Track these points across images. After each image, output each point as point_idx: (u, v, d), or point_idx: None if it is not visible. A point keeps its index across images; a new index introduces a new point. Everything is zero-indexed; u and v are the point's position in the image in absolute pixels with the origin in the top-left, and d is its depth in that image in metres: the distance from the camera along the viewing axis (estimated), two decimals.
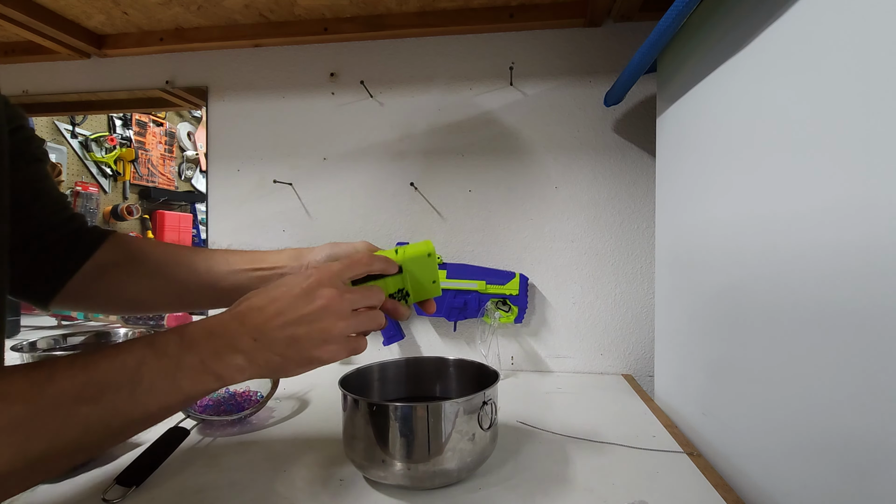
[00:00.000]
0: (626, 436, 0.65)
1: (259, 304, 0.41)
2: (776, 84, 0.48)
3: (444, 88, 1.03)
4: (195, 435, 0.66)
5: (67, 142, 1.81)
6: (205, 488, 0.52)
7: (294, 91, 1.09)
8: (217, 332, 0.39)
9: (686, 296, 0.71)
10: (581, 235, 1.00)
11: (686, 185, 0.71)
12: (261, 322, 0.40)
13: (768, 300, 0.49)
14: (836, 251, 0.39)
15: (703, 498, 0.50)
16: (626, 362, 0.99)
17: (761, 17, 0.50)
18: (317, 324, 0.41)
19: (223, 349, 0.39)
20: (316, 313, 0.41)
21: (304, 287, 0.42)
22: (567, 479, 0.54)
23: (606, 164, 0.99)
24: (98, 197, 1.90)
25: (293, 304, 0.41)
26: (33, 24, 0.98)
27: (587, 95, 0.99)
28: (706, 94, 0.64)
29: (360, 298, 0.44)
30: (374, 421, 0.50)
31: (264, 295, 0.42)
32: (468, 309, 0.97)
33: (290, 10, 1.00)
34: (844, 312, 0.38)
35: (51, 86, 1.18)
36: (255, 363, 0.40)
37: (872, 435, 0.35)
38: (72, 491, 0.52)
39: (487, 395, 0.53)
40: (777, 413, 0.47)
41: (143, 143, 1.92)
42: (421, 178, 1.04)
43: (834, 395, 0.39)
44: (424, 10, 0.99)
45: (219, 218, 1.12)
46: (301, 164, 1.08)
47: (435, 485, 0.51)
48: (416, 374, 0.67)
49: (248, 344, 0.39)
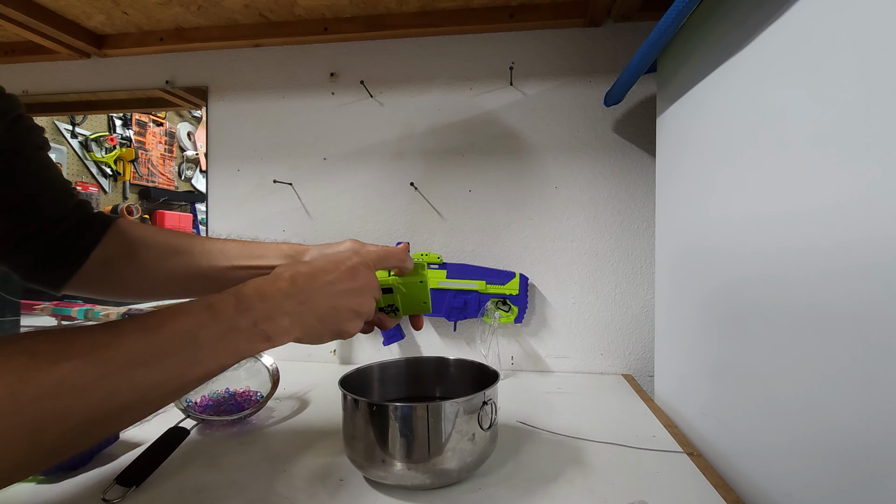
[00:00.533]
0: (626, 436, 0.65)
1: (308, 272, 0.44)
2: (776, 84, 0.48)
3: (444, 88, 1.03)
4: (195, 435, 0.66)
5: (67, 142, 1.81)
6: (205, 488, 0.52)
7: (294, 91, 1.09)
8: (269, 295, 0.41)
9: (686, 295, 0.71)
10: (581, 235, 1.00)
11: (686, 185, 0.71)
12: (310, 288, 0.43)
13: (768, 300, 0.49)
14: (836, 251, 0.39)
15: (703, 498, 0.50)
16: (626, 362, 0.99)
17: (761, 16, 0.50)
18: (355, 299, 0.45)
19: (274, 311, 0.41)
20: (358, 290, 0.45)
21: (349, 265, 0.46)
22: (567, 479, 0.54)
23: (606, 164, 0.99)
24: (98, 197, 1.90)
25: (340, 278, 0.45)
26: (33, 24, 0.98)
27: (587, 95, 0.99)
28: (706, 94, 0.64)
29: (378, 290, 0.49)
30: (374, 421, 0.50)
31: (313, 265, 0.45)
32: (468, 309, 0.97)
33: (290, 10, 1.00)
34: (844, 312, 0.38)
35: (51, 86, 1.18)
36: (299, 326, 0.42)
37: (873, 435, 0.35)
38: (72, 490, 0.52)
39: (487, 395, 0.52)
40: (777, 413, 0.47)
41: (143, 143, 1.92)
42: (421, 178, 1.04)
43: (834, 395, 0.39)
44: (424, 10, 0.99)
45: (219, 218, 1.12)
46: (301, 164, 1.08)
47: (435, 485, 0.51)
48: (416, 374, 0.67)
49: (295, 308, 0.42)
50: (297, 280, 0.43)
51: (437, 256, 0.98)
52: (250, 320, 0.39)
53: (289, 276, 0.43)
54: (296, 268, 0.44)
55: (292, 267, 0.45)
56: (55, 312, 1.19)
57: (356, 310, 0.45)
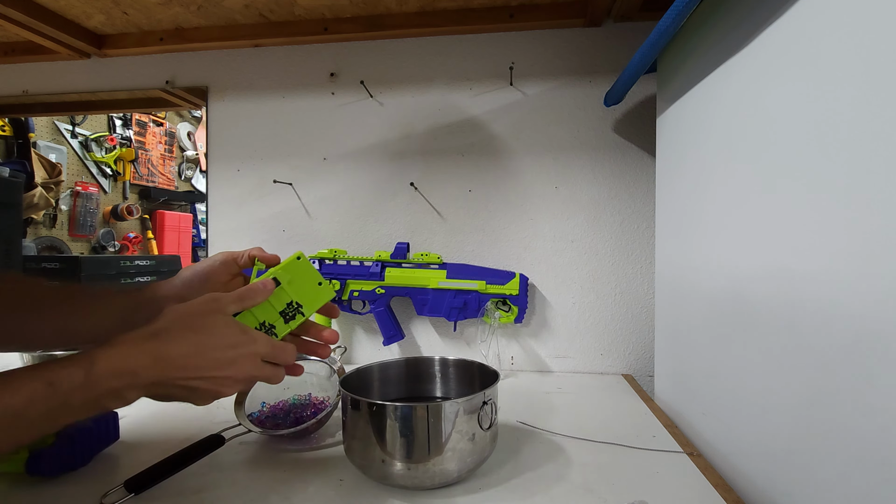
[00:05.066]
0: (626, 436, 0.65)
1: (170, 354, 0.41)
2: (776, 84, 0.48)
3: (444, 88, 1.03)
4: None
5: (67, 142, 1.81)
6: (204, 488, 0.52)
7: (294, 91, 1.09)
8: (126, 372, 0.39)
9: (686, 296, 0.71)
10: (581, 235, 1.00)
11: (686, 184, 0.71)
12: (166, 374, 0.41)
13: (768, 300, 0.49)
14: (836, 251, 0.39)
15: (703, 498, 0.50)
16: (626, 362, 0.99)
17: (761, 17, 0.50)
18: (226, 371, 0.43)
19: (125, 388, 0.40)
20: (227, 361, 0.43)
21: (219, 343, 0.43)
22: (567, 479, 0.54)
23: (606, 164, 0.99)
24: (98, 197, 1.90)
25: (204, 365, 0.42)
26: (33, 24, 0.98)
27: (587, 95, 0.99)
28: (706, 94, 0.64)
29: (273, 354, 0.47)
30: (374, 421, 0.50)
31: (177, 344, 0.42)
32: (468, 309, 0.97)
33: (290, 10, 1.00)
34: (844, 312, 0.38)
35: (51, 86, 1.18)
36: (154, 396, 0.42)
37: (873, 435, 0.35)
38: (72, 490, 0.52)
39: (487, 395, 0.53)
40: (777, 413, 0.47)
41: (143, 143, 1.92)
42: (421, 178, 1.04)
43: (834, 395, 0.39)
44: (424, 10, 0.99)
45: (219, 218, 1.12)
46: (301, 164, 1.08)
47: (435, 485, 0.51)
48: (416, 374, 0.67)
49: (148, 388, 0.41)
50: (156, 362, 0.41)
51: (437, 256, 0.98)
52: (93, 395, 0.38)
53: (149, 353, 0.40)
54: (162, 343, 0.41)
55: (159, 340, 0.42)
56: None
57: (218, 386, 0.43)
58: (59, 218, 1.80)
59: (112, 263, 1.40)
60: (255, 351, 0.45)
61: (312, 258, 1.00)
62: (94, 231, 1.88)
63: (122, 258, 1.54)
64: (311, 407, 0.68)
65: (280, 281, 0.51)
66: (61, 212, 1.80)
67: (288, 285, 0.51)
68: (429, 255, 0.98)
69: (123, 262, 1.42)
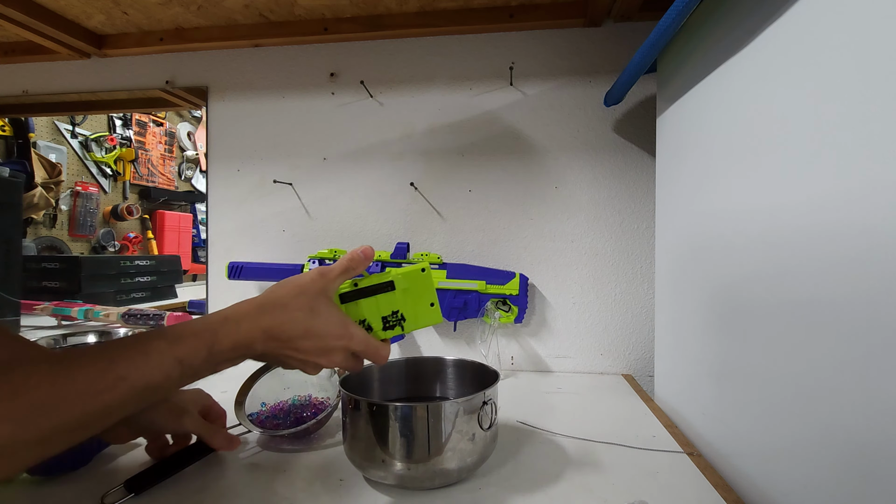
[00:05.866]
0: (627, 436, 0.65)
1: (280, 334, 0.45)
2: (776, 84, 0.48)
3: (444, 88, 1.03)
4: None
5: (67, 142, 1.81)
6: (204, 488, 0.52)
7: (294, 91, 1.09)
8: (242, 345, 0.44)
9: (686, 295, 0.71)
10: (581, 235, 1.00)
11: (686, 184, 0.71)
12: (273, 349, 0.46)
13: (768, 300, 0.49)
14: (836, 251, 0.39)
15: (703, 498, 0.50)
16: (626, 362, 0.99)
17: (761, 17, 0.50)
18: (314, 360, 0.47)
19: (239, 357, 0.45)
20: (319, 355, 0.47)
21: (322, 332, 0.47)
22: (567, 480, 0.54)
23: (606, 164, 0.99)
24: (98, 197, 1.90)
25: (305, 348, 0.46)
26: (33, 24, 0.98)
27: (587, 95, 0.99)
28: (706, 94, 0.64)
29: (365, 353, 0.50)
30: (374, 421, 0.50)
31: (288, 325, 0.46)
32: (468, 309, 0.97)
33: (290, 10, 1.00)
34: (844, 312, 0.38)
35: (51, 86, 1.18)
36: (255, 358, 0.47)
37: (874, 435, 0.35)
38: (72, 490, 0.51)
39: (487, 395, 0.52)
40: (777, 413, 0.47)
41: (143, 143, 1.92)
42: (421, 178, 1.04)
43: (835, 395, 0.39)
44: (424, 10, 0.99)
45: (219, 218, 1.12)
46: (301, 164, 1.08)
47: (435, 485, 0.51)
48: (416, 374, 0.67)
49: (256, 356, 0.46)
50: (270, 336, 0.45)
51: (437, 256, 0.98)
52: (211, 366, 0.43)
53: (267, 328, 0.45)
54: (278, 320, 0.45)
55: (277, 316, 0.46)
56: (55, 312, 1.19)
57: (323, 364, 0.48)
58: (59, 218, 1.80)
59: (112, 263, 1.41)
60: (350, 346, 0.48)
61: (312, 258, 1.00)
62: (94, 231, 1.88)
63: (122, 258, 1.54)
64: (311, 407, 0.68)
65: (397, 286, 0.50)
66: (61, 212, 1.80)
67: (402, 293, 0.50)
68: (429, 255, 0.98)
69: (123, 262, 1.42)
